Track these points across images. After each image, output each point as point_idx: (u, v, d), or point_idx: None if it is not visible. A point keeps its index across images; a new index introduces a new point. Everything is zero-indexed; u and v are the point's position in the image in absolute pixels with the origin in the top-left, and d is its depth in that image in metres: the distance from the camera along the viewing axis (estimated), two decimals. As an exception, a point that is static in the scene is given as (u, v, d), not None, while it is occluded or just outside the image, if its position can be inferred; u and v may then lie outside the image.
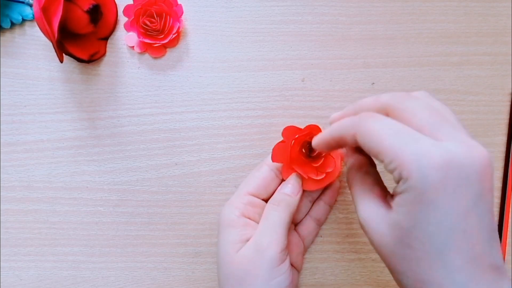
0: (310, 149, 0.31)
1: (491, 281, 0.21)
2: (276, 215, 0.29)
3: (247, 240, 0.29)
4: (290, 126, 0.31)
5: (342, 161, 0.33)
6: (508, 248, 0.35)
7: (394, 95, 0.25)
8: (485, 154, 0.21)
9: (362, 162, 0.27)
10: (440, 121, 0.23)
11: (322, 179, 0.31)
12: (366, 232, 0.24)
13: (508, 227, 0.35)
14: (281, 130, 0.35)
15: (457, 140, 0.22)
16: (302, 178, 0.31)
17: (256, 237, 0.29)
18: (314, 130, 0.30)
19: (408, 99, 0.24)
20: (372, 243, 0.24)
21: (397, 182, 0.22)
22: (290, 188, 0.30)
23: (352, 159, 0.27)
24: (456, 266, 0.21)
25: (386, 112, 0.24)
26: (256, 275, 0.27)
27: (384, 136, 0.22)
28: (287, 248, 0.29)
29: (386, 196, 0.25)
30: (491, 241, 0.21)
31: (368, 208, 0.25)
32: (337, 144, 0.26)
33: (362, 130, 0.24)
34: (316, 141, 0.28)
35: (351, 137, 0.24)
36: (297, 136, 0.30)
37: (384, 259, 0.24)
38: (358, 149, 0.27)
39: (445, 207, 0.21)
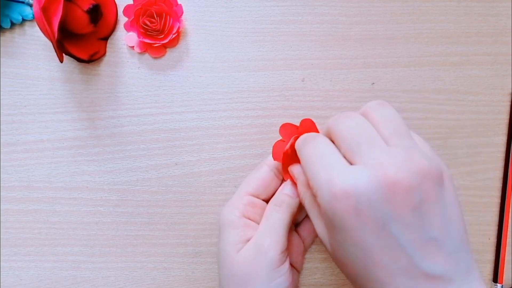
0: None
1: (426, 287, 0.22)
2: (277, 216, 0.29)
3: (248, 241, 0.29)
4: (286, 123, 0.31)
5: None
6: (508, 248, 0.35)
7: (334, 117, 0.26)
8: (393, 174, 0.21)
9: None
10: (360, 142, 0.23)
11: None
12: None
13: (508, 227, 0.35)
14: (281, 130, 0.35)
15: (366, 164, 0.22)
16: None
17: (257, 238, 0.29)
18: (309, 128, 0.30)
19: (343, 121, 0.25)
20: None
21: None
22: (291, 189, 0.30)
23: (300, 179, 0.29)
24: (385, 280, 0.22)
25: (329, 135, 0.26)
26: (256, 277, 0.27)
27: (309, 161, 0.24)
28: (288, 249, 0.29)
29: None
30: (419, 253, 0.22)
31: (319, 228, 0.27)
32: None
33: (301, 154, 0.26)
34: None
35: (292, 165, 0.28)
36: (292, 138, 0.30)
37: None
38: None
39: (353, 231, 0.22)
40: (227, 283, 0.29)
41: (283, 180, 0.31)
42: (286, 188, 0.30)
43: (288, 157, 0.30)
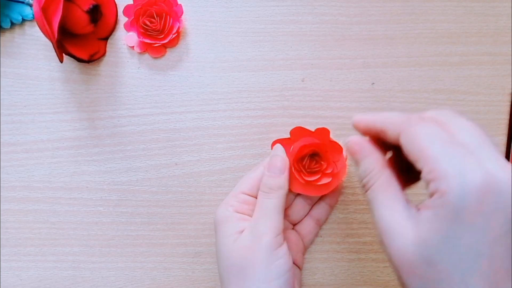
0: (310, 160, 0.31)
1: None
2: (268, 201, 0.29)
3: (243, 231, 0.29)
4: (279, 139, 0.32)
5: (345, 166, 0.32)
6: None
7: (441, 111, 0.24)
8: None
9: (382, 163, 0.25)
10: (483, 143, 0.22)
11: (325, 185, 0.31)
12: (384, 243, 0.23)
13: None
14: (281, 130, 0.35)
15: (499, 165, 0.21)
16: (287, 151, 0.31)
17: (252, 224, 0.29)
18: (322, 135, 0.31)
19: (455, 116, 0.23)
20: (390, 254, 0.22)
21: (431, 195, 0.21)
22: (276, 169, 0.30)
23: (370, 159, 0.25)
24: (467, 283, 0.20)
25: (397, 137, 0.23)
26: (255, 262, 0.28)
27: (429, 143, 0.21)
28: (287, 244, 0.29)
29: (412, 207, 0.23)
30: (503, 276, 0.21)
31: (392, 216, 0.23)
32: (375, 133, 0.25)
33: (408, 131, 0.23)
34: (357, 119, 0.27)
35: (394, 134, 0.23)
36: (299, 146, 0.30)
37: (401, 276, 0.22)
38: (376, 146, 0.26)
39: (478, 230, 0.20)
40: (227, 274, 0.29)
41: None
42: (272, 168, 0.30)
43: (295, 160, 0.30)
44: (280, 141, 0.32)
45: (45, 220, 0.35)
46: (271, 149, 0.32)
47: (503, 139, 0.35)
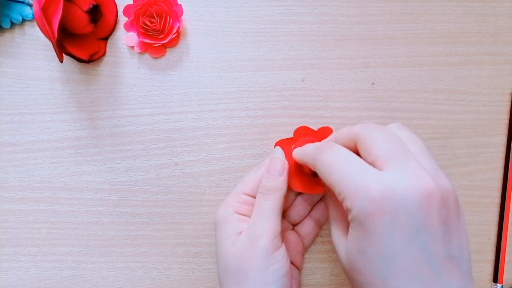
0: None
1: None
2: (266, 203, 0.29)
3: (241, 233, 0.29)
4: (282, 139, 0.32)
5: None
6: (508, 248, 0.35)
7: (365, 126, 0.26)
8: (430, 186, 0.22)
9: None
10: (395, 152, 0.23)
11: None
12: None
13: (508, 227, 0.35)
14: (281, 130, 0.35)
15: (403, 171, 0.22)
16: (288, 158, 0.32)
17: (249, 226, 0.29)
18: (306, 134, 0.31)
19: (375, 130, 0.25)
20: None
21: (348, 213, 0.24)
22: (275, 171, 0.30)
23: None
24: None
25: (355, 142, 0.25)
26: (251, 264, 0.27)
27: (335, 168, 0.24)
28: (287, 248, 0.29)
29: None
30: (442, 269, 0.22)
31: (335, 232, 0.28)
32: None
33: (319, 162, 0.26)
34: (294, 154, 0.30)
35: (311, 166, 0.27)
36: (293, 147, 0.30)
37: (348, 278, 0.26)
38: None
39: (384, 237, 0.22)
40: (224, 276, 0.29)
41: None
42: (271, 171, 0.30)
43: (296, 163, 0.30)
44: (284, 140, 0.32)
45: (45, 220, 0.35)
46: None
47: (503, 139, 0.35)
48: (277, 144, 0.32)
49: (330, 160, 0.25)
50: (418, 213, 0.22)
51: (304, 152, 0.29)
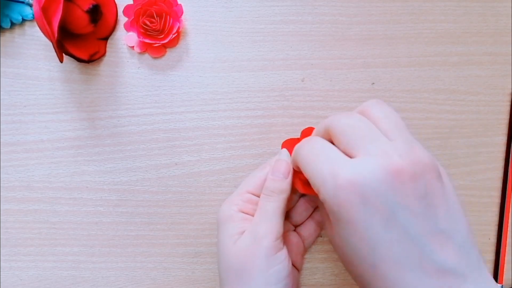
0: None
1: (440, 285, 0.21)
2: (269, 205, 0.29)
3: (244, 233, 0.29)
4: (289, 139, 0.32)
5: None
6: (508, 248, 0.35)
7: (333, 116, 0.26)
8: (398, 162, 0.21)
9: None
10: (362, 136, 0.23)
11: None
12: None
13: (508, 227, 0.35)
14: (281, 130, 0.35)
15: (370, 154, 0.22)
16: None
17: (252, 227, 0.29)
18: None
19: (342, 117, 0.25)
20: None
21: None
22: (280, 173, 0.30)
23: None
24: (395, 277, 0.21)
25: (329, 133, 0.25)
26: (253, 265, 0.27)
27: (309, 160, 0.24)
28: (287, 248, 0.29)
29: None
30: (430, 245, 0.21)
31: (328, 229, 0.27)
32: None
33: (298, 156, 0.26)
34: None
35: (296, 163, 0.27)
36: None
37: None
38: None
39: (361, 223, 0.21)
40: (226, 275, 0.29)
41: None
42: (275, 172, 0.30)
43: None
44: (291, 140, 0.31)
45: (45, 220, 0.35)
46: (281, 148, 0.31)
47: (503, 139, 0.35)
48: (283, 143, 0.31)
49: (306, 152, 0.25)
50: (389, 193, 0.21)
51: (292, 153, 0.29)
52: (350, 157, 0.23)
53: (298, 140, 0.31)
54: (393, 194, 0.21)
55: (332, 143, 0.25)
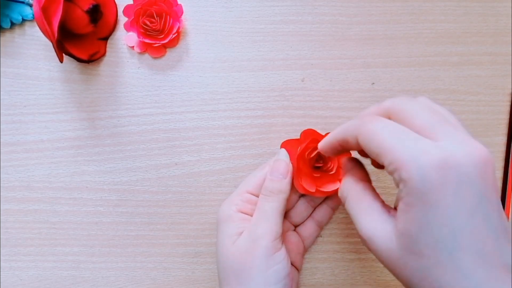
0: (317, 159, 0.31)
1: (506, 281, 0.20)
2: (268, 205, 0.29)
3: (243, 233, 0.29)
4: (289, 140, 0.31)
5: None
6: (508, 248, 0.35)
7: (396, 99, 0.24)
8: (485, 153, 0.21)
9: (359, 177, 0.27)
10: (440, 121, 0.22)
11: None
12: (371, 250, 0.24)
13: (508, 227, 0.35)
14: (281, 130, 0.35)
15: (457, 140, 0.21)
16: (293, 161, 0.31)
17: (251, 227, 0.29)
18: (313, 136, 0.31)
19: (409, 101, 0.24)
20: (380, 259, 0.23)
21: (398, 185, 0.22)
22: (279, 173, 0.30)
23: (348, 175, 0.27)
24: (469, 268, 0.20)
25: (388, 116, 0.24)
26: (252, 265, 0.27)
27: (384, 137, 0.22)
28: (287, 248, 0.29)
29: (388, 209, 0.24)
30: (501, 240, 0.21)
31: (370, 224, 0.24)
32: (341, 147, 0.26)
33: (364, 132, 0.23)
34: (321, 144, 0.28)
35: (353, 139, 0.24)
36: (305, 144, 0.30)
37: (395, 273, 0.23)
38: (356, 163, 0.28)
39: (448, 207, 0.20)
40: (225, 275, 0.29)
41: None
42: (274, 173, 0.30)
43: (302, 160, 0.30)
44: (290, 141, 0.31)
45: (45, 220, 0.35)
46: (280, 148, 0.31)
47: (503, 139, 0.35)
48: (283, 144, 0.31)
49: (377, 129, 0.23)
50: (479, 182, 0.21)
51: (343, 127, 0.26)
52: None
53: (297, 141, 0.31)
54: (482, 183, 0.21)
55: None
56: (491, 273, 0.20)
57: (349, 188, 0.26)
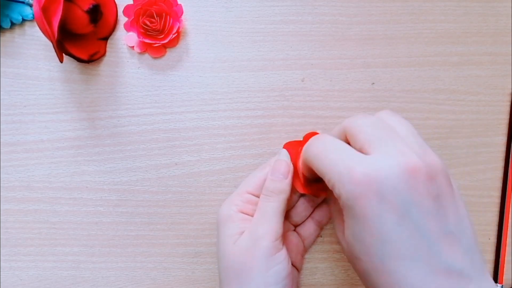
0: None
1: (444, 285, 0.21)
2: (269, 205, 0.29)
3: (243, 233, 0.29)
4: (291, 141, 0.32)
5: None
6: (508, 248, 0.35)
7: (351, 117, 0.26)
8: (414, 161, 0.22)
9: None
10: (381, 136, 0.24)
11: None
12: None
13: (508, 227, 0.35)
14: (281, 130, 0.35)
15: (388, 153, 0.22)
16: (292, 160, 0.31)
17: (251, 227, 0.29)
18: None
19: (360, 119, 0.25)
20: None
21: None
22: (280, 174, 0.30)
23: None
24: (401, 273, 0.21)
25: (345, 134, 0.26)
26: (252, 266, 0.27)
27: (323, 156, 0.24)
28: (287, 248, 0.29)
29: None
30: (439, 245, 0.22)
31: (338, 227, 0.27)
32: (310, 170, 0.27)
33: (309, 153, 0.26)
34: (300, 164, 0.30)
35: (305, 161, 0.27)
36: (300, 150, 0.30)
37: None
38: None
39: (374, 218, 0.22)
40: (225, 275, 0.29)
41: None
42: (275, 173, 0.30)
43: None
44: (292, 143, 0.31)
45: (45, 220, 0.35)
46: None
47: (503, 139, 0.35)
48: (285, 145, 0.31)
49: (319, 149, 0.25)
50: (405, 190, 0.21)
51: (302, 151, 0.29)
52: (366, 155, 0.23)
53: (300, 143, 0.31)
54: (408, 192, 0.21)
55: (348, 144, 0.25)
56: (426, 278, 0.21)
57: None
